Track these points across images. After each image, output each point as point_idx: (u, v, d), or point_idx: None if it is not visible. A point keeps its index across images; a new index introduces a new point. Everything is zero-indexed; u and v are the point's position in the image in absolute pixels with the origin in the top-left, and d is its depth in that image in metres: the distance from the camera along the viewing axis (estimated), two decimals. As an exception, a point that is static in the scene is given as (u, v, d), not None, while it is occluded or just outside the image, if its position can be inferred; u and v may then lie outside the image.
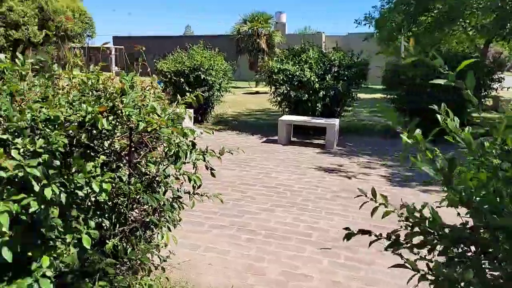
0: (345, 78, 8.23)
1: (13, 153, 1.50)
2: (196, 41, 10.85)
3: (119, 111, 1.80)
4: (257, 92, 18.82)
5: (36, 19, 19.18)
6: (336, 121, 7.62)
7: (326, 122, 7.51)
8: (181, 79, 9.31)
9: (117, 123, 1.87)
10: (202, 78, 9.32)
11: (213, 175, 2.45)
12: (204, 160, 2.36)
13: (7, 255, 1.53)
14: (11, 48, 17.52)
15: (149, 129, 1.86)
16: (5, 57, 2.08)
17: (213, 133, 2.41)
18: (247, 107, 13.73)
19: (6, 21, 17.42)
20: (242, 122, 10.57)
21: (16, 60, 2.07)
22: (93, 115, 1.64)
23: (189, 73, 9.34)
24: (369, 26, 11.22)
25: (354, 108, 9.49)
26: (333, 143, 7.42)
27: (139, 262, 2.12)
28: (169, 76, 9.38)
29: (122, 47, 25.26)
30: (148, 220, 2.27)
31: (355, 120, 10.60)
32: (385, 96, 8.86)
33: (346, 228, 1.54)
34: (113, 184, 1.90)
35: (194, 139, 2.31)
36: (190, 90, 8.67)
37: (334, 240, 3.62)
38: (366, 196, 1.69)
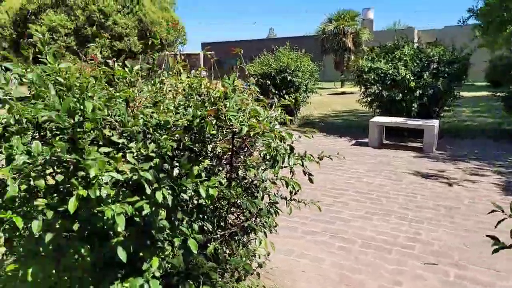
0: (446, 75, 7.51)
1: (128, 157, 1.55)
2: (280, 43, 10.88)
3: (222, 115, 1.79)
4: (343, 93, 18.29)
5: (136, 30, 21.04)
6: (435, 122, 6.98)
7: (425, 124, 6.91)
8: (267, 81, 9.39)
9: (220, 127, 1.86)
10: (288, 79, 9.28)
11: (311, 181, 2.34)
12: (302, 165, 2.27)
13: (122, 255, 1.59)
14: (114, 58, 19.49)
15: (251, 133, 1.82)
16: (118, 65, 2.22)
17: (312, 137, 2.30)
18: (333, 108, 13.39)
19: (111, 33, 19.40)
20: (329, 123, 10.29)
21: (125, 67, 2.20)
22: (200, 119, 1.64)
23: (275, 75, 9.38)
24: (474, 17, 10.12)
25: (454, 108, 8.62)
26: (432, 146, 6.81)
27: (239, 267, 2.10)
28: (255, 78, 9.53)
29: (213, 52, 26.52)
30: (246, 225, 2.24)
31: (456, 121, 9.65)
32: (493, 93, 7.90)
33: (492, 237, 1.31)
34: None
35: (292, 143, 2.23)
36: (276, 92, 8.69)
37: (439, 255, 3.26)
38: (503, 212, 1.44)
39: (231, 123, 1.78)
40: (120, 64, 2.23)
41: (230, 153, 1.97)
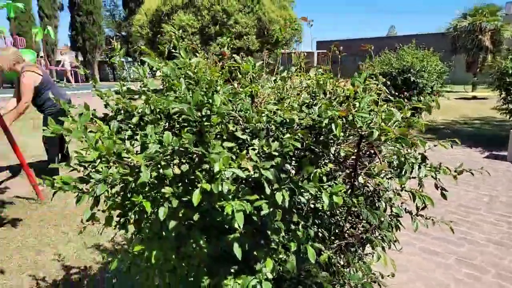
0: None
1: (251, 154, 1.51)
2: (401, 41, 10.08)
3: (350, 116, 1.63)
4: (474, 97, 16.24)
5: (254, 29, 21.85)
6: None
7: None
8: (387, 81, 8.76)
9: (347, 129, 1.72)
10: (411, 80, 8.54)
11: (444, 196, 2.03)
12: (435, 178, 1.98)
13: (238, 251, 1.57)
14: (235, 55, 20.54)
15: (382, 138, 1.63)
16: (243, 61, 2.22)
17: (451, 147, 1.99)
18: (462, 113, 11.94)
19: (232, 32, 20.49)
20: (456, 131, 9.18)
21: (247, 63, 2.18)
22: (329, 119, 1.52)
23: (396, 75, 8.72)
24: None
25: None
26: None
27: (356, 283, 1.93)
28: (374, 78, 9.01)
29: (341, 48, 26.06)
30: (364, 236, 2.05)
31: None
32: None
33: None
34: (337, 195, 1.75)
35: (425, 151, 1.96)
36: (397, 93, 8.08)
37: None
38: None
39: (359, 125, 1.62)
40: (245, 60, 2.23)
41: (354, 157, 1.81)
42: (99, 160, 1.63)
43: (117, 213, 1.85)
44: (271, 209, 1.57)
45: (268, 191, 1.54)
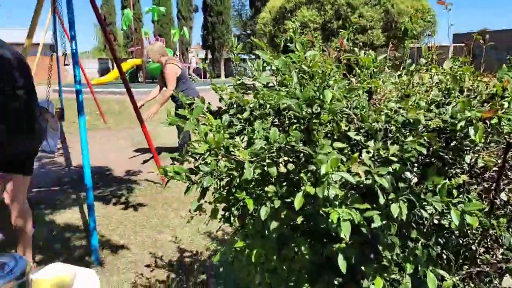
0: None
1: (365, 157, 1.33)
2: None
3: (495, 119, 1.32)
4: None
5: (381, 22, 20.59)
6: None
7: None
8: (542, 78, 7.31)
9: (489, 135, 1.40)
10: None
11: None
12: None
13: (342, 264, 1.41)
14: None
15: (540, 148, 1.28)
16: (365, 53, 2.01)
17: None
18: None
19: (356, 26, 19.71)
20: None
21: (368, 56, 1.96)
22: (466, 122, 1.25)
23: (557, 71, 7.20)
24: None
25: None
26: None
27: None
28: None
29: (487, 36, 23.16)
30: (504, 266, 1.67)
31: None
32: None
33: None
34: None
35: None
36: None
37: None
38: None
39: (507, 130, 1.30)
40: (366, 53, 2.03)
41: (497, 169, 1.47)
42: (208, 153, 1.63)
43: (222, 206, 1.86)
44: (384, 222, 1.37)
45: (382, 201, 1.35)
